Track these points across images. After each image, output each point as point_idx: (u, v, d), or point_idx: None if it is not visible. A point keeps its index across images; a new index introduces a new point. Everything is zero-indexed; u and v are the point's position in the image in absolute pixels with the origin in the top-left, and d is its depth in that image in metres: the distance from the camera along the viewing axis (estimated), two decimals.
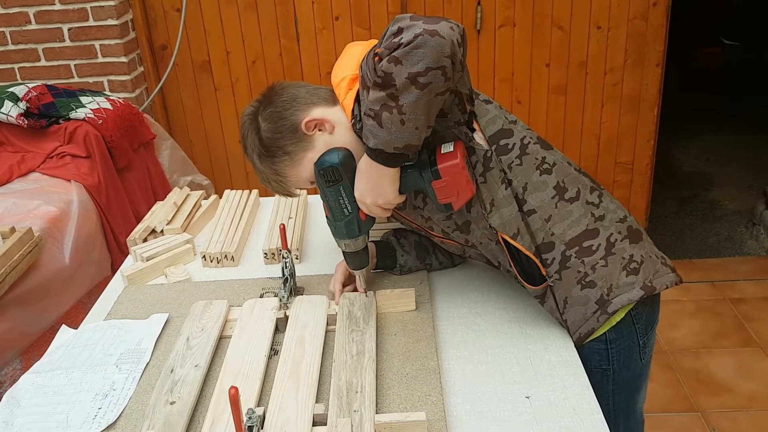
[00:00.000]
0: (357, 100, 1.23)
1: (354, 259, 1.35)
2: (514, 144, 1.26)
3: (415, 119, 1.10)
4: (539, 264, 1.27)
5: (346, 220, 1.28)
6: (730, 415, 2.43)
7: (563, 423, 1.11)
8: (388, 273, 1.50)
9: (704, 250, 3.49)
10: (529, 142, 1.28)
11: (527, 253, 1.26)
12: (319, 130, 1.28)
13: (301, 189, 1.40)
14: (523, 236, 1.25)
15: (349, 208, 1.26)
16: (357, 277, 1.39)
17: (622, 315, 1.28)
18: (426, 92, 1.07)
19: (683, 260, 3.36)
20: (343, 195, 1.25)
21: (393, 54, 1.07)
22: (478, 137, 1.24)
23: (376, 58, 1.14)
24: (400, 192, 1.22)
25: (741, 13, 6.18)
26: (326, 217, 1.31)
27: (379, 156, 1.15)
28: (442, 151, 1.19)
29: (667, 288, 1.29)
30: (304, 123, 1.27)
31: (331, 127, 1.27)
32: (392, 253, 1.48)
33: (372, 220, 1.30)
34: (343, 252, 1.35)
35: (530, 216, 1.26)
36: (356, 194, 1.24)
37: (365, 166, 1.20)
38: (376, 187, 1.21)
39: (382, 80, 1.09)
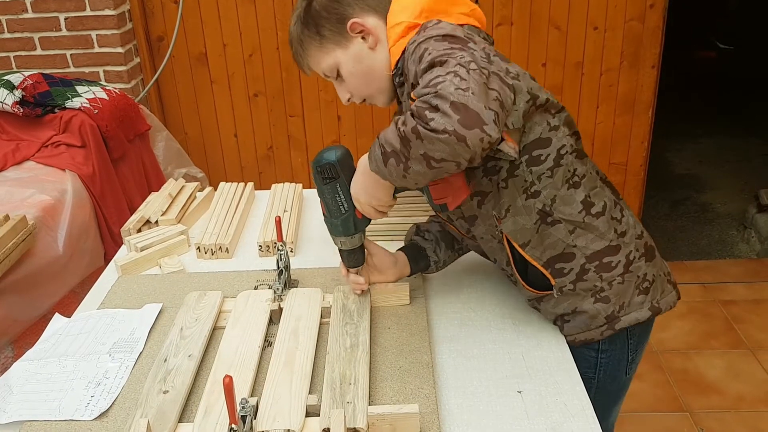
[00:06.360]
0: (403, 52, 1.18)
1: (350, 257, 1.34)
2: (548, 155, 1.20)
3: (416, 181, 1.06)
4: (548, 275, 1.25)
5: (343, 217, 1.27)
6: (718, 415, 2.46)
7: (554, 418, 1.11)
8: None
9: (695, 252, 3.51)
10: (566, 153, 1.21)
11: (535, 264, 1.24)
12: (362, 38, 1.24)
13: (313, 72, 1.34)
14: (534, 247, 1.23)
15: (345, 206, 1.26)
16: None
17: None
18: (434, 172, 1.03)
19: (674, 262, 3.38)
20: (340, 193, 1.25)
21: (418, 126, 0.98)
22: (507, 146, 1.16)
23: (412, 96, 1.05)
24: (395, 194, 1.22)
25: (735, 19, 6.22)
26: (323, 214, 1.31)
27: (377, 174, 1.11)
28: None
29: (670, 309, 1.30)
30: (351, 22, 1.23)
31: (375, 42, 1.23)
32: (423, 253, 1.43)
33: (368, 218, 1.30)
34: (339, 250, 1.34)
35: (554, 225, 1.22)
36: (352, 192, 1.23)
37: (363, 168, 1.18)
38: (371, 190, 1.19)
39: (401, 137, 1.01)
